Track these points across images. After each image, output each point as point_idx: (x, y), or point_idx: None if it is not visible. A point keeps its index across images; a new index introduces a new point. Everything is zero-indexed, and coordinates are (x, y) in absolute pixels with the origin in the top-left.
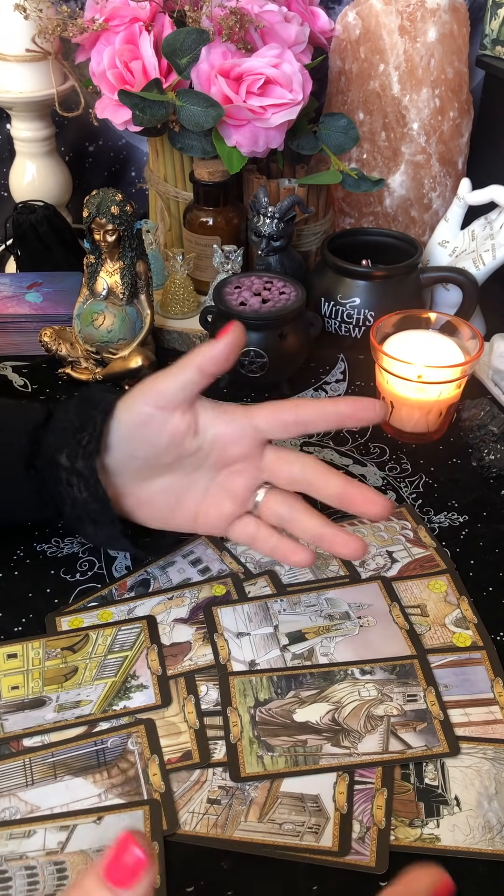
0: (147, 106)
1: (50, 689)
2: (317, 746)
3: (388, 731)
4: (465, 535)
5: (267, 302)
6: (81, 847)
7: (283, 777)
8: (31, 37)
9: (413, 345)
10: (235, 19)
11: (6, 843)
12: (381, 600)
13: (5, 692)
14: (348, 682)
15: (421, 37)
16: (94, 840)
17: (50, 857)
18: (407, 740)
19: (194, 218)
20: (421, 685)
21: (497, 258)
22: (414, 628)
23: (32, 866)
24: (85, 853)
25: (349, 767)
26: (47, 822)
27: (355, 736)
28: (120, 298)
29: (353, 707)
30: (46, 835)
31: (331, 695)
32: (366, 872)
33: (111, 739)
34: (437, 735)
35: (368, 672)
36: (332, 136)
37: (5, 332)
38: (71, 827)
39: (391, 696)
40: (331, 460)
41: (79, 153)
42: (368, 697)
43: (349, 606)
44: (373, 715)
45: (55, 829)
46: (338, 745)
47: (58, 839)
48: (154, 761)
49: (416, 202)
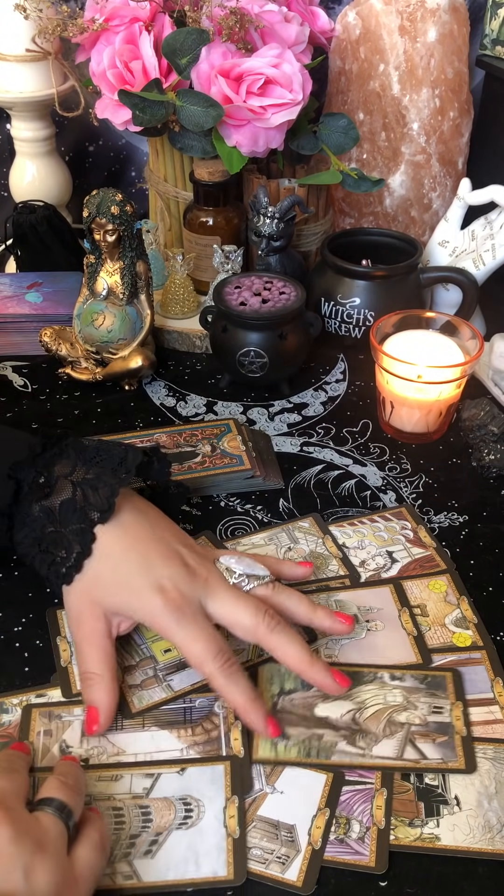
0: (147, 106)
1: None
2: (332, 742)
3: (407, 738)
4: (465, 535)
5: (267, 302)
6: (165, 794)
7: (292, 765)
8: (31, 37)
9: (413, 345)
10: (235, 19)
11: (95, 784)
12: (392, 605)
13: (160, 656)
14: (376, 684)
15: (421, 37)
16: (176, 789)
17: (135, 800)
18: (424, 750)
19: (194, 218)
20: (449, 699)
21: (497, 258)
22: (422, 634)
23: (119, 807)
24: (168, 800)
25: (359, 768)
26: (134, 769)
27: (372, 738)
28: (120, 298)
29: (375, 710)
30: (133, 780)
31: (356, 695)
32: (366, 872)
33: (199, 700)
34: (456, 750)
35: (398, 678)
36: (332, 136)
37: (5, 332)
38: (156, 775)
39: (417, 704)
40: (331, 460)
41: (79, 153)
42: (393, 703)
43: (358, 609)
44: (394, 720)
45: (141, 776)
46: (353, 744)
47: (143, 785)
48: (237, 727)
49: (416, 202)
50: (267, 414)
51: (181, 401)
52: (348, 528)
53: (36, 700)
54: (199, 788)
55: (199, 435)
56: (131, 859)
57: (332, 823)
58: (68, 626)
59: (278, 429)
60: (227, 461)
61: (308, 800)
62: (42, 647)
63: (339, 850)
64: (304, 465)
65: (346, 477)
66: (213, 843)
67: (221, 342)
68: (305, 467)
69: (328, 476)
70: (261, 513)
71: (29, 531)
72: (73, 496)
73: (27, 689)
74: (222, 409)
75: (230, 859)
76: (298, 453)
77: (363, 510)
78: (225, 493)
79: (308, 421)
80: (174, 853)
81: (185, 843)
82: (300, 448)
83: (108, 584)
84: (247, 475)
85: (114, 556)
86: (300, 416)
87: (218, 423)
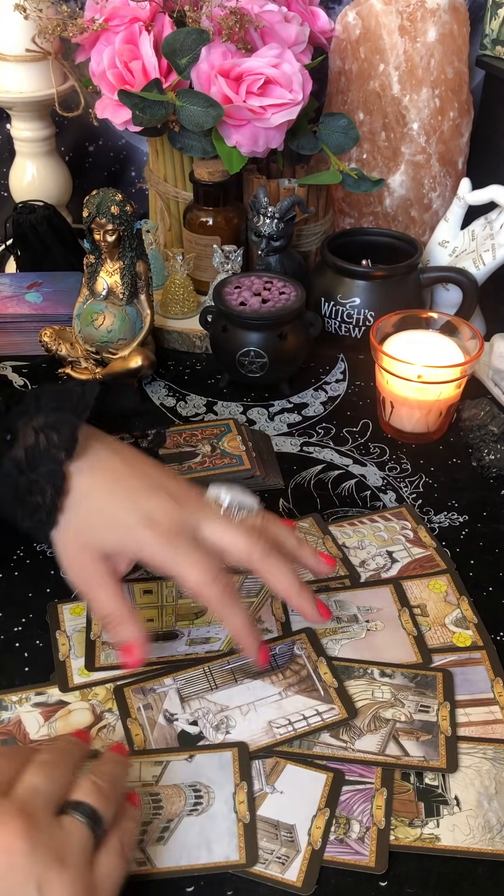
0: (147, 106)
1: (182, 625)
2: (314, 734)
3: (391, 735)
4: (465, 535)
5: (267, 302)
6: (174, 781)
7: (282, 755)
8: (31, 37)
9: (413, 345)
10: (235, 19)
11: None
12: (392, 605)
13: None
14: (365, 680)
15: (421, 37)
16: (185, 776)
17: (146, 787)
18: (406, 748)
19: (194, 218)
20: (437, 699)
21: (497, 258)
22: (422, 634)
23: None
24: (178, 787)
25: (340, 760)
26: (143, 757)
27: (356, 732)
28: (120, 298)
29: (362, 705)
30: (142, 768)
31: (344, 689)
32: (365, 872)
33: (279, 647)
34: (439, 749)
35: (388, 675)
36: (332, 136)
37: (5, 332)
38: (164, 763)
39: (404, 702)
40: (331, 460)
41: (79, 153)
42: (381, 699)
43: (358, 610)
44: (380, 716)
45: (150, 764)
46: (336, 737)
47: (152, 773)
48: (322, 662)
49: (416, 202)
50: (267, 414)
51: (181, 401)
52: (348, 528)
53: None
54: (207, 775)
55: (199, 435)
56: (144, 846)
57: (332, 823)
58: (70, 578)
59: (278, 429)
60: (227, 461)
61: (308, 800)
62: (42, 647)
63: (339, 850)
64: (304, 465)
65: (346, 477)
66: (225, 827)
67: (221, 342)
68: (305, 467)
69: (328, 476)
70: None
71: (4, 488)
72: (36, 441)
73: (27, 688)
74: (222, 409)
75: (241, 843)
76: (298, 453)
77: (363, 510)
78: None
79: (308, 421)
80: (186, 839)
81: (196, 828)
82: (300, 448)
83: (96, 524)
84: (247, 475)
85: (96, 495)
86: (300, 416)
87: (218, 423)
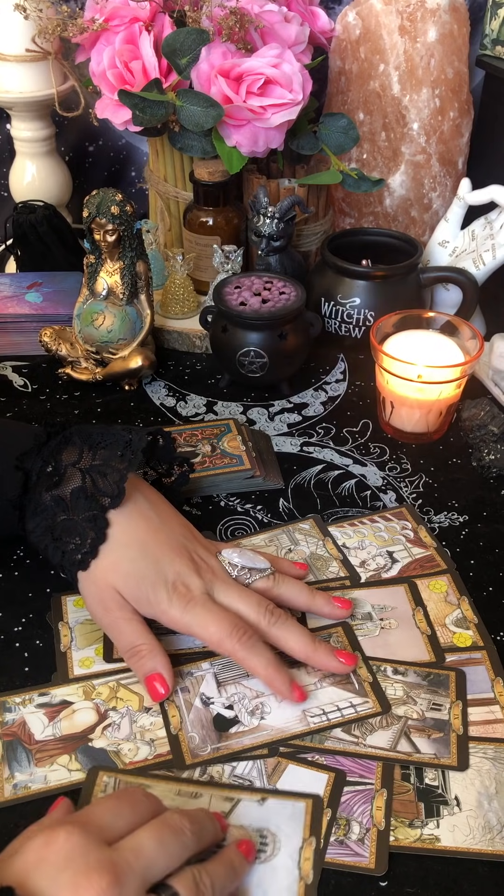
0: (147, 106)
1: None
2: (327, 728)
3: (403, 731)
4: (465, 535)
5: (267, 302)
6: (242, 822)
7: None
8: (31, 37)
9: (413, 345)
10: (235, 19)
11: (174, 798)
12: (406, 604)
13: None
14: (378, 677)
15: (421, 37)
16: (254, 819)
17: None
18: (418, 745)
19: (194, 218)
20: (450, 697)
21: (497, 258)
22: (436, 633)
23: None
24: (244, 829)
25: (352, 756)
26: (214, 790)
27: (367, 728)
28: (120, 298)
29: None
30: (212, 801)
31: (378, 683)
32: (365, 873)
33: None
34: (450, 748)
35: (401, 673)
36: (332, 136)
37: (5, 332)
38: (235, 800)
39: (416, 699)
40: (331, 460)
41: (79, 153)
42: (393, 696)
43: (372, 608)
44: (392, 713)
45: (220, 799)
46: (348, 732)
47: (222, 808)
48: (357, 657)
49: (416, 202)
50: (267, 414)
51: (181, 401)
52: (348, 528)
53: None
54: (277, 823)
55: (199, 435)
56: None
57: (333, 824)
58: (92, 613)
59: (278, 429)
60: (227, 461)
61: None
62: (42, 647)
63: (339, 851)
64: (304, 465)
65: (346, 477)
66: (285, 884)
67: (221, 342)
68: (305, 467)
69: (328, 476)
70: (261, 513)
71: (41, 520)
72: (83, 483)
73: (30, 689)
74: (222, 409)
75: None
76: (298, 453)
77: (363, 510)
78: (225, 493)
79: (308, 421)
80: (243, 884)
81: (255, 877)
82: (300, 448)
83: (126, 574)
84: (247, 475)
85: (131, 546)
86: (300, 416)
87: (218, 423)
